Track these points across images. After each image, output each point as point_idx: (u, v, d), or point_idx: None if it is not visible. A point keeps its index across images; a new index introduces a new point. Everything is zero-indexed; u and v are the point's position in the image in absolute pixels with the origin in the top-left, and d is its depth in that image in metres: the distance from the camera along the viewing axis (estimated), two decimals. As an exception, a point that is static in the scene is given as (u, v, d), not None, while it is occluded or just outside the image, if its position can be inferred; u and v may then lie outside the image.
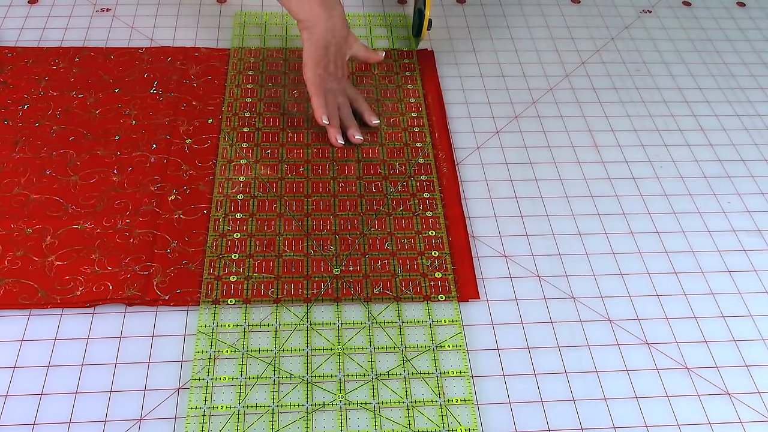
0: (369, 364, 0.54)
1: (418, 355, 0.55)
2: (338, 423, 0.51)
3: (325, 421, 0.51)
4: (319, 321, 0.57)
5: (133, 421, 0.51)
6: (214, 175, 0.66)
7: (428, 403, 0.52)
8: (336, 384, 0.53)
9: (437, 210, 0.64)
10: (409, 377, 0.54)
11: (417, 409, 0.52)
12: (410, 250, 0.61)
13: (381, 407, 0.52)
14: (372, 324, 0.57)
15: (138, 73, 0.76)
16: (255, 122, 0.70)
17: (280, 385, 0.53)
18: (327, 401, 0.52)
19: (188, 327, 0.56)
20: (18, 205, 0.63)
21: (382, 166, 0.67)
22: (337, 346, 0.55)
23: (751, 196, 0.69)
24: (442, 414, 0.52)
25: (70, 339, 0.55)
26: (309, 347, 0.55)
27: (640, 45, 0.85)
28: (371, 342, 0.55)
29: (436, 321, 0.57)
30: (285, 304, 0.57)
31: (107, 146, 0.68)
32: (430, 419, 0.51)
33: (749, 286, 0.61)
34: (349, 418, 0.51)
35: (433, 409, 0.52)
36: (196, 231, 0.62)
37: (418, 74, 0.77)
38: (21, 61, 0.76)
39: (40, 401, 0.51)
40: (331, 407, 0.52)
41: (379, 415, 0.51)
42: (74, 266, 0.58)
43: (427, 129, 0.71)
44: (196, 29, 0.83)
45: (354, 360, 0.54)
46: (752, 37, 0.88)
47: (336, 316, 0.57)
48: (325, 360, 0.54)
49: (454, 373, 0.54)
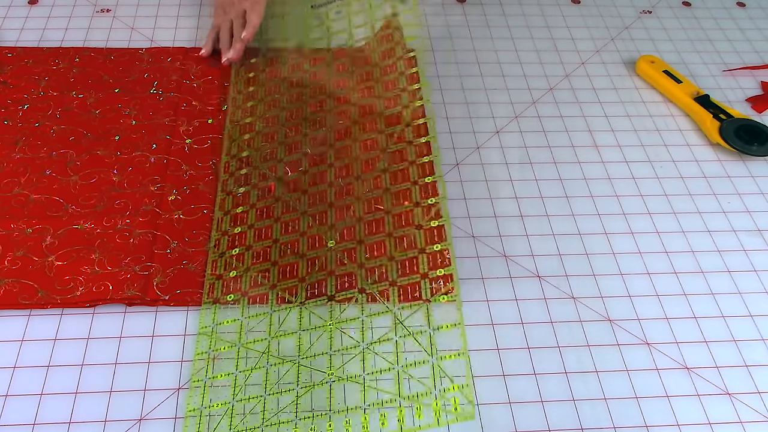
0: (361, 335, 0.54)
1: (411, 314, 0.54)
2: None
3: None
4: (312, 301, 0.57)
5: (133, 421, 0.51)
6: (215, 175, 0.66)
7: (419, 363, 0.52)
8: (326, 359, 0.53)
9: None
10: (402, 339, 0.53)
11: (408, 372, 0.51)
12: (406, 226, 0.60)
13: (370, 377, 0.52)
14: (365, 293, 0.57)
15: (138, 73, 0.76)
16: (255, 126, 0.70)
17: (270, 371, 0.52)
18: (317, 381, 0.52)
19: (188, 327, 0.56)
20: (18, 205, 0.63)
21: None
22: (330, 321, 0.55)
23: (752, 196, 0.69)
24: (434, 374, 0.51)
25: (70, 339, 0.55)
26: (301, 329, 0.55)
27: (640, 45, 0.85)
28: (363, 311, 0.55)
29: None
30: (280, 287, 0.57)
31: (107, 146, 0.68)
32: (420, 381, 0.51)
33: (749, 286, 0.61)
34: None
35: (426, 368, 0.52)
36: (196, 231, 0.62)
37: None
38: (21, 61, 0.76)
39: (40, 401, 0.51)
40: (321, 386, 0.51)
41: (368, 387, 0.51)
42: (74, 266, 0.58)
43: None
44: (196, 29, 0.83)
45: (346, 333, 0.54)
46: (752, 37, 0.88)
47: (330, 289, 0.57)
48: (317, 338, 0.54)
49: (447, 327, 0.53)
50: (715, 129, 0.73)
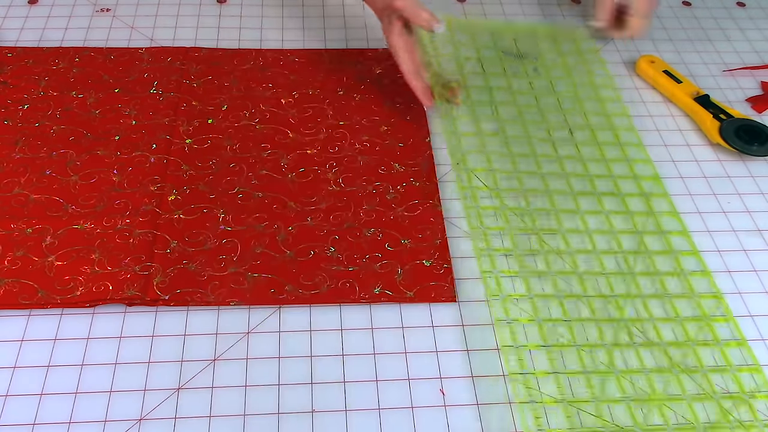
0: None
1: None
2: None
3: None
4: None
5: (133, 421, 0.51)
6: (215, 174, 0.66)
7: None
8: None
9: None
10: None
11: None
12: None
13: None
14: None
15: (138, 73, 0.76)
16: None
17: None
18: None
19: (188, 327, 0.56)
20: (18, 205, 0.63)
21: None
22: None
23: (752, 196, 0.69)
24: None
25: (70, 339, 0.55)
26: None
27: (640, 45, 0.85)
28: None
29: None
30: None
31: (107, 146, 0.68)
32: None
33: (749, 286, 0.61)
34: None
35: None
36: (196, 231, 0.62)
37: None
38: (21, 61, 0.76)
39: (40, 401, 0.51)
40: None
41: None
42: (74, 266, 0.58)
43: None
44: (196, 29, 0.83)
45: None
46: (752, 37, 0.88)
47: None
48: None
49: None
50: (715, 129, 0.73)
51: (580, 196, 0.66)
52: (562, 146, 0.71)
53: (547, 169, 0.68)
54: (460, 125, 0.71)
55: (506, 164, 0.68)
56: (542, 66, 0.79)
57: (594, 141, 0.71)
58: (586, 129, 0.73)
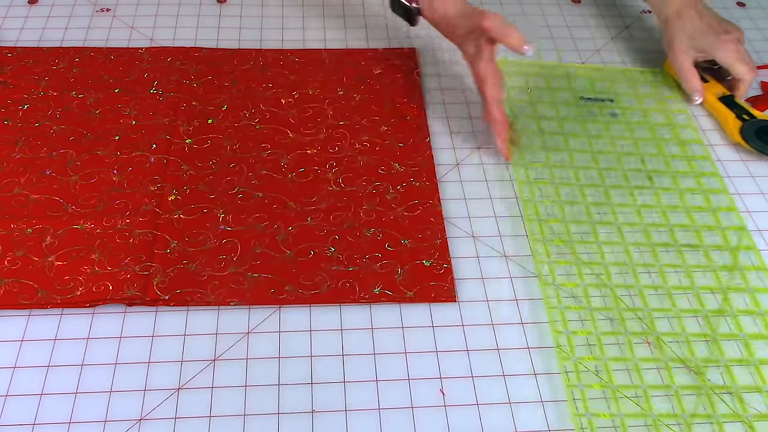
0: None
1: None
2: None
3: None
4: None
5: (133, 421, 0.51)
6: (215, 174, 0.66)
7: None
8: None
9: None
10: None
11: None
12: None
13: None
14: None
15: (138, 73, 0.76)
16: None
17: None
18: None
19: (188, 327, 0.56)
20: (18, 205, 0.63)
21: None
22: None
23: (752, 196, 0.69)
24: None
25: (70, 339, 0.55)
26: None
27: (640, 45, 0.85)
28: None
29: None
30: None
31: (107, 146, 0.68)
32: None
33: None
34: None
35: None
36: (196, 231, 0.62)
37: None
38: (21, 61, 0.76)
39: (40, 401, 0.51)
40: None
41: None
42: (74, 266, 0.58)
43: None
44: (196, 29, 0.83)
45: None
46: (752, 37, 0.88)
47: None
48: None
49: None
50: (737, 129, 0.73)
51: (659, 248, 0.62)
52: (640, 194, 0.67)
53: (624, 220, 0.64)
54: (532, 173, 0.68)
55: (581, 215, 0.65)
56: (619, 108, 0.75)
57: (676, 187, 0.67)
58: (666, 175, 0.69)
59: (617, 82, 0.79)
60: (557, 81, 0.78)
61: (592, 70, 0.80)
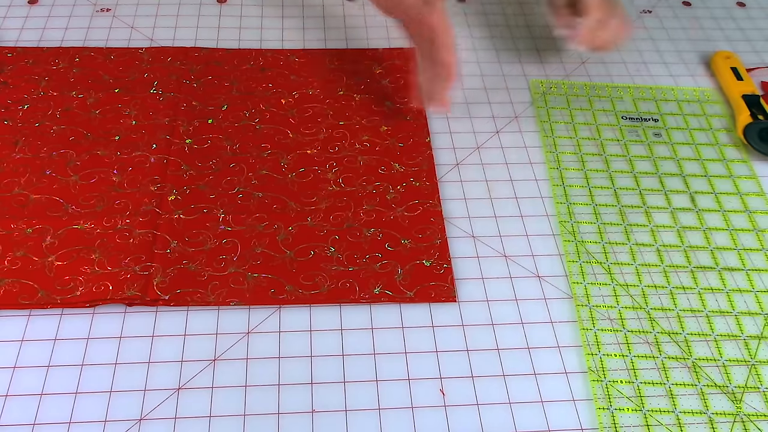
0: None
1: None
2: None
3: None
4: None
5: (133, 421, 0.51)
6: (215, 174, 0.66)
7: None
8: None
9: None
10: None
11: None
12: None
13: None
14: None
15: (138, 73, 0.76)
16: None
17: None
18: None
19: (188, 327, 0.56)
20: (18, 205, 0.63)
21: None
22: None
23: (751, 196, 0.69)
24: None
25: (70, 339, 0.55)
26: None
27: (640, 45, 0.85)
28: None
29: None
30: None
31: (107, 146, 0.68)
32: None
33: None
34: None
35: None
36: (196, 231, 0.62)
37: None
38: (21, 61, 0.76)
39: (40, 401, 0.51)
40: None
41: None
42: (74, 266, 0.58)
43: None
44: (196, 29, 0.83)
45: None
46: (752, 37, 0.88)
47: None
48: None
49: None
50: (742, 127, 0.73)
51: (698, 270, 0.61)
52: (682, 215, 0.66)
53: (666, 241, 0.63)
54: (571, 195, 0.67)
55: (620, 236, 0.63)
56: (663, 128, 0.74)
57: (719, 209, 0.66)
58: (709, 195, 0.68)
59: (662, 101, 0.77)
60: (600, 102, 0.77)
61: (635, 89, 0.79)
